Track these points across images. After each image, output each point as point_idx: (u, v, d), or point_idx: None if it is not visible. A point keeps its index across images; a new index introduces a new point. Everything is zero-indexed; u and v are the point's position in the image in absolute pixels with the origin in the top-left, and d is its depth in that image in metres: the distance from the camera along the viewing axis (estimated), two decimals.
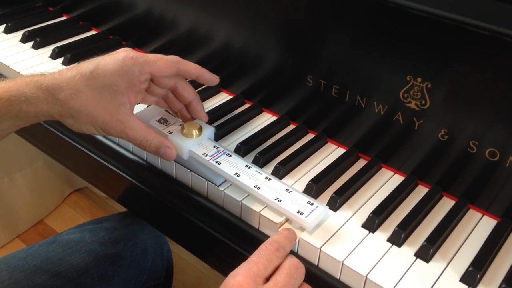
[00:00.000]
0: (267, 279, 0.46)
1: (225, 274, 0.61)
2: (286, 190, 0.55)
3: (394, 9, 0.54)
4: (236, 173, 0.56)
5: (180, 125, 0.61)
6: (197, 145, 0.58)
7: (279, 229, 0.54)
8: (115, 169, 0.66)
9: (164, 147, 0.55)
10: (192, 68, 0.58)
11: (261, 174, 0.57)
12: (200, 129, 0.59)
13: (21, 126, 0.55)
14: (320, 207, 0.53)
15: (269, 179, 0.56)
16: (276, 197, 0.54)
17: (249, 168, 0.57)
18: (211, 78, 0.60)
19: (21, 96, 0.52)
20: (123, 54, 0.53)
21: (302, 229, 0.53)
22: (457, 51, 0.53)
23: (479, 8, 0.53)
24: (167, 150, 0.55)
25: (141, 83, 0.55)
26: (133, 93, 0.54)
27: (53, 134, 0.73)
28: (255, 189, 0.55)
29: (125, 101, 0.53)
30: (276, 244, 0.48)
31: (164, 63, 0.55)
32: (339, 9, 0.60)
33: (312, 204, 0.54)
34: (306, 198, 0.54)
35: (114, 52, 0.55)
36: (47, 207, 1.46)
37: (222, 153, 0.58)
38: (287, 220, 0.55)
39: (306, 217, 0.52)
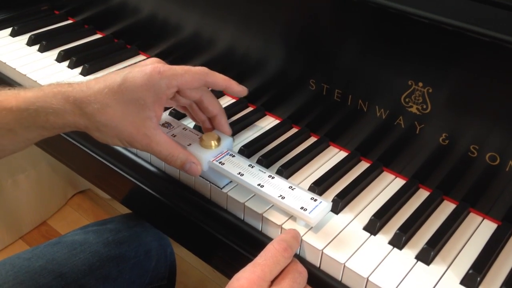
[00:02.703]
0: (272, 281, 0.46)
1: (228, 275, 0.62)
2: (289, 187, 0.55)
3: (396, 15, 0.55)
4: (239, 173, 0.57)
5: (184, 129, 0.62)
6: (216, 156, 0.58)
7: (284, 228, 0.54)
8: (119, 171, 0.67)
9: (189, 162, 0.55)
10: (220, 80, 0.57)
11: (264, 172, 0.57)
12: (218, 140, 0.59)
13: (46, 136, 0.55)
14: (323, 202, 0.54)
15: (272, 177, 0.57)
16: (279, 195, 0.54)
17: (252, 167, 0.58)
18: (239, 90, 0.59)
19: (48, 107, 0.51)
20: (150, 68, 0.52)
21: (304, 229, 0.54)
22: (458, 57, 0.54)
23: (479, 14, 0.53)
24: (193, 166, 0.55)
25: (167, 97, 0.54)
26: (159, 106, 0.53)
27: (58, 135, 0.73)
28: (259, 187, 0.55)
29: (151, 115, 0.53)
30: (284, 244, 0.48)
31: (192, 77, 0.54)
32: (342, 14, 0.61)
33: (315, 200, 0.54)
34: (310, 195, 0.55)
35: (141, 64, 0.54)
36: (50, 209, 1.46)
37: (225, 154, 0.59)
38: (290, 217, 0.55)
39: (309, 213, 0.53)
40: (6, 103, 0.51)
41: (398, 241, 0.54)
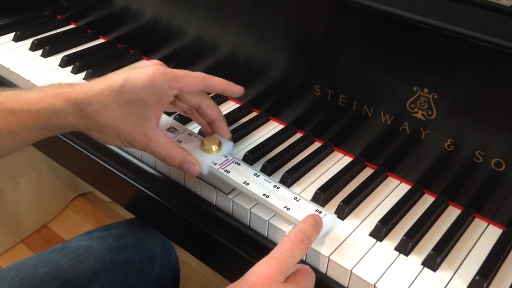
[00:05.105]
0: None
1: (231, 280, 0.62)
2: (294, 198, 0.55)
3: (401, 22, 0.55)
4: (245, 182, 0.57)
5: (189, 134, 0.62)
6: (217, 160, 0.59)
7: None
8: (122, 175, 0.67)
9: (187, 162, 0.56)
10: (218, 83, 0.58)
11: (270, 182, 0.57)
12: (219, 144, 0.59)
13: (47, 136, 0.55)
14: (328, 215, 0.54)
15: (278, 188, 0.57)
16: (284, 206, 0.54)
17: (257, 176, 0.58)
18: (236, 89, 0.61)
19: (50, 109, 0.52)
20: (153, 69, 0.53)
21: None
22: (463, 63, 0.54)
23: (484, 21, 0.53)
24: (191, 166, 0.56)
25: (168, 98, 0.55)
26: (160, 107, 0.55)
27: (59, 138, 0.73)
28: (264, 197, 0.55)
29: (151, 115, 0.54)
30: (301, 235, 0.48)
31: (192, 80, 0.56)
32: (347, 20, 0.61)
33: (320, 212, 0.54)
34: (314, 207, 0.55)
35: (143, 65, 0.55)
36: (51, 212, 1.46)
37: (231, 161, 0.59)
38: None
39: None
40: (8, 104, 0.52)
41: (405, 247, 0.54)
